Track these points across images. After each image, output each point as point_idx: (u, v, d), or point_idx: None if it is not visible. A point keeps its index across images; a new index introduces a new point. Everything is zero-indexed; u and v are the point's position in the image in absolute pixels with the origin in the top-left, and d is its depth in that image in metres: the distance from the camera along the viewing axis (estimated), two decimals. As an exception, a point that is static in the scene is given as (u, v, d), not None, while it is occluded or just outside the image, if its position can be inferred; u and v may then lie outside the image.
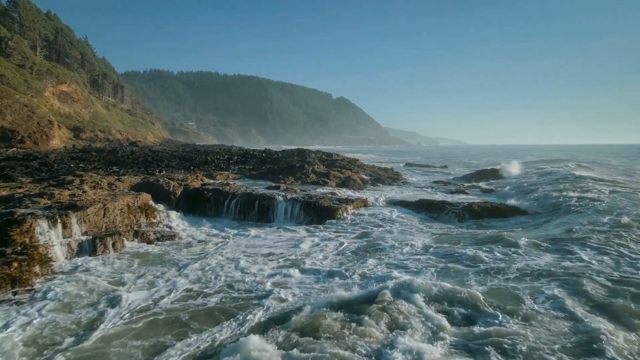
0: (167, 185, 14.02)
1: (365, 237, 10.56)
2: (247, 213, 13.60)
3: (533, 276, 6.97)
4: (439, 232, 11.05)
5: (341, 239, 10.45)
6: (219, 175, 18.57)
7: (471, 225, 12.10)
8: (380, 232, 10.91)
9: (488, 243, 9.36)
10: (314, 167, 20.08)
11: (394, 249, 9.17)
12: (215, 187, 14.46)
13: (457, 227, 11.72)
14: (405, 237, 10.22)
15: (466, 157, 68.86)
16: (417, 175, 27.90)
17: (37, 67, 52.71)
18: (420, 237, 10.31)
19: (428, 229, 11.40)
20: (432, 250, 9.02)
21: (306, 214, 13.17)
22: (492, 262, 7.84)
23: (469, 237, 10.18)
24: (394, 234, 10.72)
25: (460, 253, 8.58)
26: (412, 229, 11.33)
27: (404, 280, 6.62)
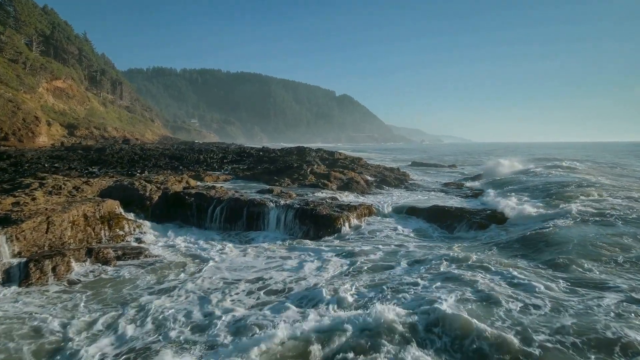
0: (142, 189, 12.23)
1: (372, 255, 8.68)
2: (234, 222, 11.78)
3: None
4: (464, 247, 9.15)
5: (341, 260, 8.58)
6: (207, 177, 16.77)
7: (499, 235, 10.16)
8: (391, 251, 9.00)
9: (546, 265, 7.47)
10: (313, 168, 18.24)
11: (413, 275, 7.22)
12: (199, 192, 12.65)
13: (481, 240, 9.83)
14: (425, 256, 8.30)
15: (473, 155, 66.66)
16: (425, 176, 25.97)
17: (31, 62, 51.11)
18: (444, 257, 8.44)
19: (448, 243, 9.53)
20: (467, 276, 7.09)
21: (301, 223, 11.33)
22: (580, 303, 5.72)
23: (504, 251, 8.30)
24: (409, 251, 8.82)
25: (512, 280, 6.62)
26: (431, 244, 9.44)
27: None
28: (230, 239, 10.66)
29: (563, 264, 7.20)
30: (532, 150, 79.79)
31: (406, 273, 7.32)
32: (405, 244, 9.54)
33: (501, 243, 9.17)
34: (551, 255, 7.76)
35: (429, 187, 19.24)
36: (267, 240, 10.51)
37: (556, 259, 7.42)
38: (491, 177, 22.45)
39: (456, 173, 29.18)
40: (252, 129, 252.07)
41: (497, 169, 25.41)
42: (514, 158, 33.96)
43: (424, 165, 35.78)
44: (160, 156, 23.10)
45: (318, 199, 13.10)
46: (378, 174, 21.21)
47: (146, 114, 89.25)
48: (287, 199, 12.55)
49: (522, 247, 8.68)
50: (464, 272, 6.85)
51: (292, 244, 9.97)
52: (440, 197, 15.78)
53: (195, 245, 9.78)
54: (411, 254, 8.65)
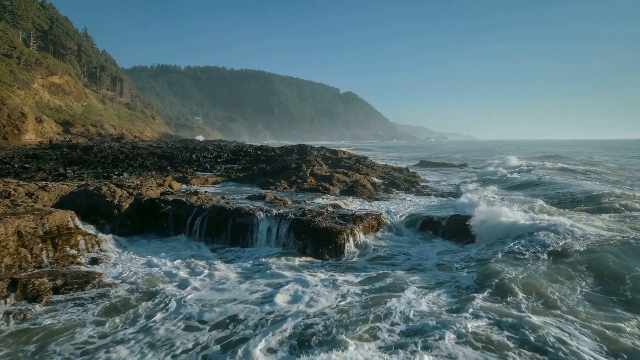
0: (111, 195, 10.40)
1: (386, 291, 6.70)
2: (217, 235, 9.91)
3: None
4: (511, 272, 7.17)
5: (344, 295, 6.67)
6: (194, 179, 14.92)
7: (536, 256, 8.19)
8: (411, 282, 7.00)
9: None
10: (313, 169, 16.31)
11: (447, 330, 5.28)
12: (177, 199, 10.79)
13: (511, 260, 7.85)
14: (459, 297, 6.37)
15: (482, 152, 64.29)
16: (436, 176, 23.96)
17: (26, 57, 49.59)
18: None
19: (488, 265, 7.57)
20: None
21: (297, 237, 9.44)
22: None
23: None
24: (430, 290, 6.86)
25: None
26: (463, 273, 7.47)
27: None
28: (211, 257, 8.81)
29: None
30: (541, 148, 77.20)
31: (438, 330, 5.37)
32: (429, 270, 7.57)
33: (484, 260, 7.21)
34: None
35: (444, 190, 17.25)
36: (254, 259, 8.61)
37: None
38: (514, 180, 20.38)
39: (469, 173, 27.12)
40: (256, 127, 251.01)
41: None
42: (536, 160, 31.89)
43: (433, 165, 33.71)
44: (148, 155, 21.30)
45: (318, 206, 11.18)
46: (386, 175, 19.25)
47: (147, 111, 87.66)
48: (280, 207, 10.66)
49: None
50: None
51: (282, 267, 8.05)
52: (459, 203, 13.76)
53: (165, 266, 7.90)
54: (441, 296, 6.70)
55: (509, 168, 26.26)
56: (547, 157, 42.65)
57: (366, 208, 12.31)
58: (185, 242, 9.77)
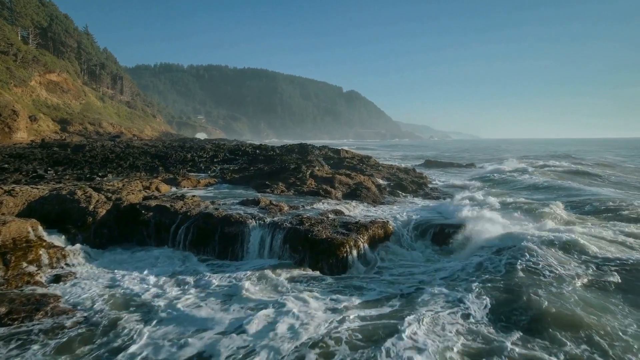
0: (85, 200, 9.30)
1: (391, 321, 5.54)
2: (204, 245, 8.80)
3: None
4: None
5: (341, 321, 5.52)
6: (185, 181, 13.80)
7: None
8: (422, 313, 5.79)
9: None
10: (313, 170, 15.15)
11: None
12: (161, 204, 9.67)
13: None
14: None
15: (488, 151, 62.84)
16: (443, 176, 22.74)
17: (23, 54, 48.70)
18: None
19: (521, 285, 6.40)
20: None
21: (293, 249, 8.31)
22: None
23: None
24: (445, 327, 5.67)
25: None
26: (485, 293, 6.31)
27: None
28: (195, 269, 7.69)
29: None
30: (548, 147, 75.57)
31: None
32: (450, 294, 6.38)
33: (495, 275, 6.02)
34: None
35: (453, 194, 16.04)
36: (242, 274, 7.47)
37: None
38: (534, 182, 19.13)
39: (478, 172, 25.84)
40: (259, 125, 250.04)
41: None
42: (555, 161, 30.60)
43: (439, 165, 32.41)
44: (141, 155, 20.22)
45: (317, 213, 10.03)
46: (391, 177, 18.07)
47: (147, 110, 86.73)
48: (275, 214, 9.52)
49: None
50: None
51: (271, 285, 6.91)
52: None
53: (138, 286, 6.78)
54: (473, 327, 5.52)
55: (519, 169, 24.98)
56: (557, 156, 41.32)
57: (371, 214, 11.16)
58: (168, 254, 8.65)
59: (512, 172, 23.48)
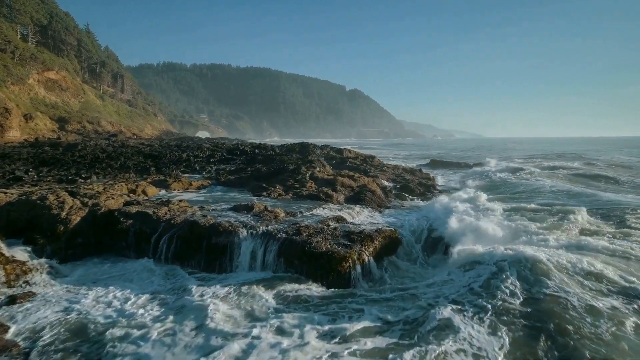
0: (58, 206, 8.33)
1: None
2: (188, 258, 7.81)
3: None
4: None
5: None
6: (175, 184, 12.81)
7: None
8: (434, 344, 4.80)
9: None
10: (314, 171, 14.12)
11: None
12: (142, 211, 8.68)
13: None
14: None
15: (494, 150, 61.50)
16: (451, 176, 21.66)
17: (20, 52, 47.95)
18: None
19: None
20: None
21: (288, 263, 7.31)
22: None
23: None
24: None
25: None
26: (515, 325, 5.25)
27: None
28: (171, 292, 6.70)
29: None
30: (555, 147, 74.06)
31: None
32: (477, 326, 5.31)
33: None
34: None
35: (463, 197, 14.95)
36: (230, 291, 6.47)
37: None
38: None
39: (488, 173, 24.69)
40: (261, 124, 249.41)
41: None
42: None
43: (446, 164, 31.24)
44: (133, 154, 19.29)
45: (317, 220, 9.02)
46: (397, 178, 17.03)
47: (149, 108, 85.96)
48: (270, 222, 8.52)
49: None
50: None
51: (256, 307, 5.89)
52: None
53: (103, 311, 5.78)
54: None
55: (531, 172, 23.63)
56: (566, 156, 40.06)
57: (377, 221, 10.14)
58: (148, 268, 7.66)
59: (522, 173, 22.29)
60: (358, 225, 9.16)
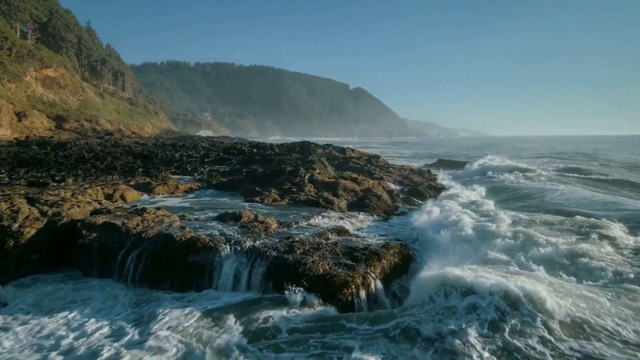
0: (10, 216, 7.12)
1: None
2: (159, 280, 6.57)
3: None
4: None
5: None
6: (159, 187, 11.57)
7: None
8: None
9: None
10: (313, 173, 12.84)
11: None
12: (111, 222, 7.45)
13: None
14: None
15: (502, 149, 59.80)
16: (460, 177, 20.30)
17: (17, 49, 47.04)
18: None
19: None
20: None
21: (277, 286, 6.05)
22: None
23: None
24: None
25: None
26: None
27: None
28: (133, 323, 5.46)
29: None
30: (565, 146, 72.16)
31: None
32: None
33: None
34: None
35: (477, 200, 13.61)
36: (209, 313, 5.24)
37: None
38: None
39: (497, 174, 23.25)
40: (265, 122, 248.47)
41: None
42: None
43: (454, 164, 29.82)
44: (122, 154, 18.11)
45: (314, 232, 7.75)
46: (404, 180, 15.71)
47: (150, 107, 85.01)
48: (260, 235, 7.26)
49: None
50: None
51: (234, 340, 4.64)
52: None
53: (38, 354, 4.57)
54: None
55: (543, 175, 21.91)
56: (580, 156, 38.52)
57: (384, 232, 8.83)
58: (110, 292, 6.43)
59: (534, 175, 20.70)
60: (362, 238, 7.88)
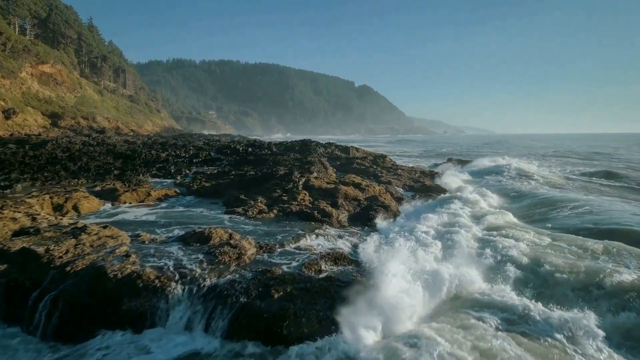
0: None
1: None
2: (80, 333, 4.75)
3: None
4: None
5: None
6: (127, 194, 9.75)
7: None
8: None
9: None
10: (309, 178, 10.95)
11: None
12: (28, 249, 5.60)
13: None
14: None
15: (512, 148, 57.32)
16: (478, 182, 18.27)
17: (12, 44, 45.65)
18: None
19: None
20: None
21: (241, 336, 4.19)
22: None
23: None
24: None
25: None
26: None
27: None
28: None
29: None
30: (575, 143, 69.32)
31: None
32: None
33: None
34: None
35: (506, 208, 11.63)
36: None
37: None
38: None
39: (512, 177, 21.15)
40: (270, 121, 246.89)
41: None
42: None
43: (466, 164, 27.77)
44: (102, 154, 16.37)
45: (302, 261, 5.87)
46: (415, 184, 13.76)
47: (151, 104, 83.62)
48: (227, 268, 5.40)
49: None
50: None
51: None
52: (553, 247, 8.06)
53: None
54: None
55: (558, 184, 19.52)
56: (595, 157, 36.19)
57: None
58: (16, 346, 4.63)
59: (554, 179, 18.61)
60: (366, 264, 6.02)
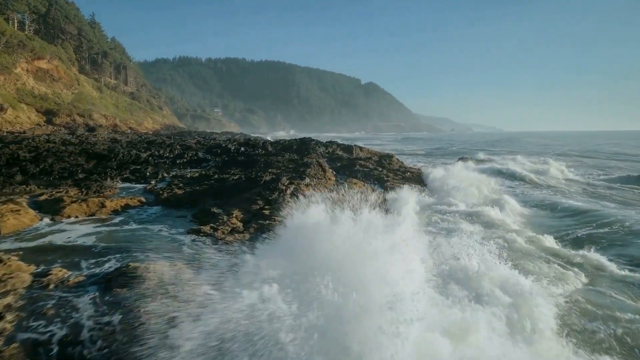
0: None
1: None
2: None
3: None
4: None
5: None
6: (73, 205, 7.91)
7: None
8: None
9: None
10: (299, 185, 9.05)
11: None
12: None
13: None
14: None
15: (525, 145, 54.75)
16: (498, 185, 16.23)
17: (7, 39, 44.38)
18: None
19: None
20: None
21: None
22: None
23: None
24: None
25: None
26: None
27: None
28: None
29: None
30: (586, 141, 66.36)
31: None
32: None
33: None
34: None
35: (545, 222, 9.64)
36: None
37: None
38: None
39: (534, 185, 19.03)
40: (275, 118, 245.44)
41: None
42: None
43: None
44: (74, 154, 14.62)
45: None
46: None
47: (153, 101, 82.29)
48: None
49: None
50: None
51: None
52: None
53: None
54: None
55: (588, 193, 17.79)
56: (615, 158, 33.80)
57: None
58: None
59: (585, 189, 16.55)
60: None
